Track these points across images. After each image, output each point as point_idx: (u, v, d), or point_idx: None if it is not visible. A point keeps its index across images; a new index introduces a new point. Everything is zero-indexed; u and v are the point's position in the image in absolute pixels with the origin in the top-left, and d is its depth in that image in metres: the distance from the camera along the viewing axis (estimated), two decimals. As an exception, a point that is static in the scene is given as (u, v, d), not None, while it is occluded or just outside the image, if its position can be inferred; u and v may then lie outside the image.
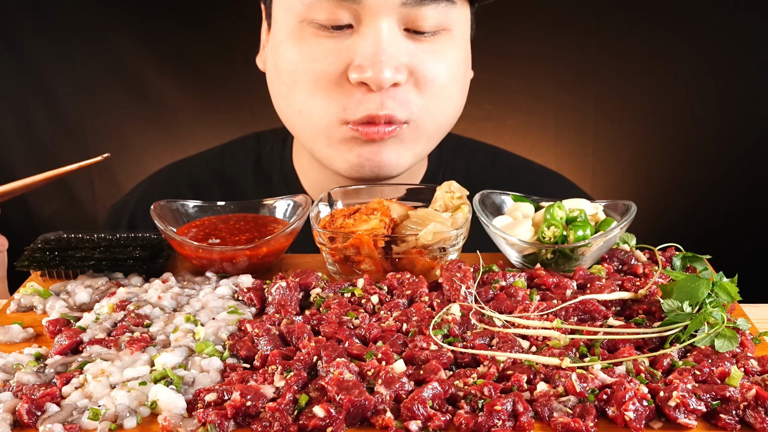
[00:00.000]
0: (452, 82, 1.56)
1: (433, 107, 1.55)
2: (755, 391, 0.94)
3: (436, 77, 1.52)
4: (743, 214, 2.73)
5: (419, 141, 1.58)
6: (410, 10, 1.45)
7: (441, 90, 1.54)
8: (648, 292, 1.21)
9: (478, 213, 1.38)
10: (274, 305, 1.23)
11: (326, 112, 1.52)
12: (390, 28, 1.46)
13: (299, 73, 1.52)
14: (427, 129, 1.58)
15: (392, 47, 1.46)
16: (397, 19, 1.46)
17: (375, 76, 1.44)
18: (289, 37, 1.53)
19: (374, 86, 1.46)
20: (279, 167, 1.86)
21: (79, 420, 0.95)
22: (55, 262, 1.38)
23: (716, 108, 2.72)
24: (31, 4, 2.64)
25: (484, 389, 0.96)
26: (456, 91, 1.59)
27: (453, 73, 1.55)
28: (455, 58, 1.55)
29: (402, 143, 1.56)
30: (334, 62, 1.49)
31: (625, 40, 2.69)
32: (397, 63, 1.47)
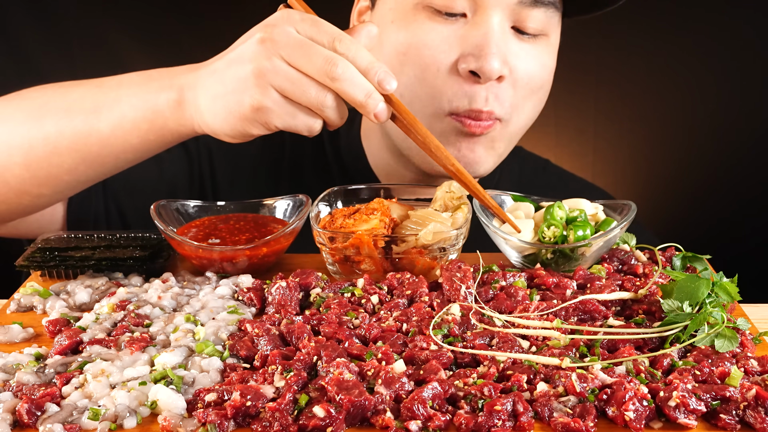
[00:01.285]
0: (540, 87, 1.58)
1: (521, 108, 1.57)
2: (755, 391, 0.94)
3: (530, 79, 1.54)
4: (743, 214, 2.73)
5: (503, 141, 1.60)
6: (522, 9, 1.48)
7: (530, 93, 1.56)
8: (648, 292, 1.21)
9: (478, 213, 1.38)
10: (274, 305, 1.23)
11: (432, 101, 1.52)
12: (501, 22, 1.48)
13: (409, 56, 1.51)
14: (511, 129, 1.60)
15: (501, 40, 1.48)
16: (508, 15, 1.48)
17: (484, 66, 1.45)
18: (402, 18, 1.52)
19: (483, 76, 1.47)
20: (346, 144, 1.82)
21: (79, 420, 0.95)
22: (55, 262, 1.38)
23: (716, 108, 2.72)
24: (31, 4, 2.64)
25: (484, 389, 0.96)
26: (541, 97, 1.61)
27: (543, 78, 1.58)
28: (548, 64, 1.58)
29: (493, 141, 1.58)
30: (446, 50, 1.49)
31: (625, 40, 2.69)
32: (504, 57, 1.48)
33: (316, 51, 1.20)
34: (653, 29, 2.66)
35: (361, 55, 1.22)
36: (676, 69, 2.70)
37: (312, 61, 1.20)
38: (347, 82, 1.21)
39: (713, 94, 2.70)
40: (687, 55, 2.67)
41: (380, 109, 1.24)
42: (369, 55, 1.24)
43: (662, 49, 2.68)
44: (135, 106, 1.35)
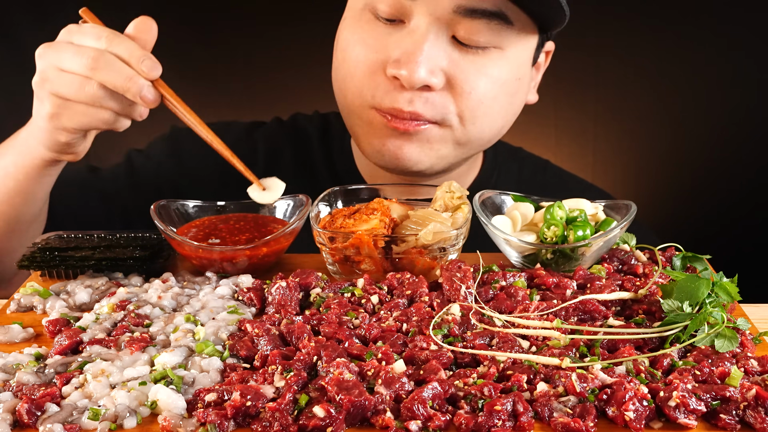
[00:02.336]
0: (491, 99, 1.56)
1: (466, 120, 1.56)
2: (755, 391, 0.94)
3: (474, 91, 1.53)
4: (743, 214, 2.73)
5: (446, 145, 1.60)
6: (461, 19, 1.47)
7: (477, 105, 1.55)
8: (648, 292, 1.21)
9: (478, 213, 1.38)
10: (274, 305, 1.23)
11: (359, 94, 1.57)
12: (436, 31, 1.48)
13: (348, 53, 1.57)
14: (458, 137, 1.59)
15: (434, 49, 1.48)
16: (446, 24, 1.48)
17: (409, 75, 1.47)
18: (351, 17, 1.59)
19: (406, 84, 1.48)
20: (340, 148, 1.89)
21: (79, 420, 0.95)
22: (55, 262, 1.38)
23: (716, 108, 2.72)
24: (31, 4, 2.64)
25: (484, 389, 0.96)
26: (495, 110, 1.59)
27: (494, 92, 1.56)
28: (500, 77, 1.55)
29: (428, 143, 1.58)
30: (379, 51, 1.52)
31: (625, 40, 2.70)
32: (434, 66, 1.48)
33: (80, 51, 1.34)
34: (653, 30, 2.67)
35: (122, 46, 1.36)
36: (676, 69, 2.70)
37: (76, 61, 1.34)
38: (106, 70, 1.33)
39: (713, 95, 2.70)
40: (687, 55, 2.67)
41: (144, 92, 1.36)
42: (132, 45, 1.37)
43: (662, 50, 2.68)
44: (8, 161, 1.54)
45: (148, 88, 1.37)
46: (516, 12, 1.49)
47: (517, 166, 1.93)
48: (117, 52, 1.35)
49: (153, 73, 1.37)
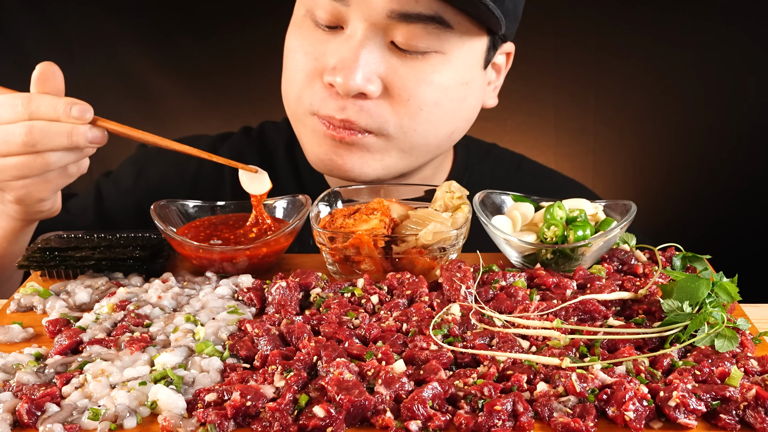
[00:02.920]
0: (433, 105, 1.52)
1: (406, 127, 1.52)
2: (755, 391, 0.94)
3: (412, 97, 1.49)
4: (743, 214, 2.73)
5: (390, 154, 1.57)
6: (398, 24, 1.43)
7: (416, 111, 1.51)
8: (648, 292, 1.21)
9: (478, 213, 1.38)
10: (274, 305, 1.23)
11: (299, 102, 1.56)
12: (373, 37, 1.45)
13: (289, 59, 1.57)
14: (400, 145, 1.55)
15: (369, 56, 1.45)
16: (383, 30, 1.45)
17: (344, 82, 1.44)
18: (294, 24, 1.58)
19: (341, 91, 1.46)
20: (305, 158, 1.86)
21: (79, 420, 0.95)
22: (55, 262, 1.38)
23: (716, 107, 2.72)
24: (32, 4, 2.64)
25: (484, 389, 0.96)
26: (438, 116, 1.54)
27: (435, 98, 1.51)
28: (441, 82, 1.50)
29: (369, 152, 1.55)
30: (317, 59, 1.51)
31: (625, 40, 2.70)
32: (370, 73, 1.46)
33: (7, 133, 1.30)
34: (653, 30, 2.67)
35: (44, 106, 1.31)
36: (675, 70, 2.70)
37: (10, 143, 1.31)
38: (44, 139, 1.30)
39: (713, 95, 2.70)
40: (687, 56, 2.67)
41: (90, 138, 1.33)
42: (51, 100, 1.31)
43: (662, 50, 2.68)
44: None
45: (92, 131, 1.34)
46: (455, 15, 1.44)
47: (489, 167, 1.90)
48: (42, 115, 1.31)
49: (87, 116, 1.33)
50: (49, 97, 1.33)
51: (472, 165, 1.87)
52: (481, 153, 1.92)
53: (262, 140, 1.93)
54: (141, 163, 1.94)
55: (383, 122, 1.51)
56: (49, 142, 1.31)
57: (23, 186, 1.38)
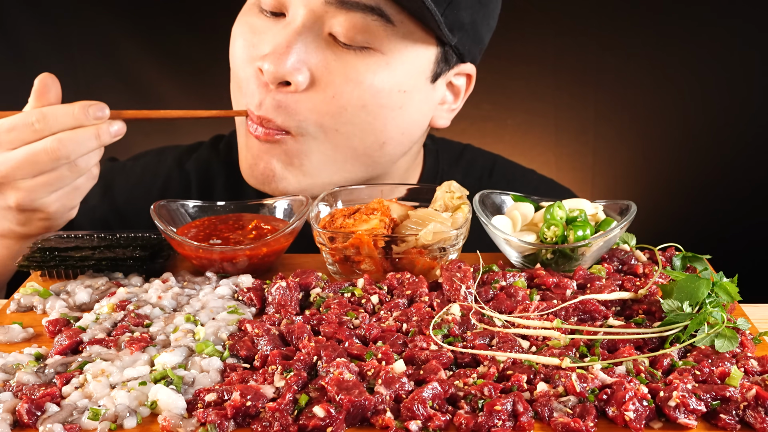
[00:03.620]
0: (359, 108, 1.44)
1: (327, 126, 1.46)
2: (755, 391, 0.94)
3: (336, 95, 1.43)
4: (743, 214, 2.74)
5: (310, 159, 1.50)
6: (336, 12, 1.38)
7: (339, 111, 1.44)
8: (648, 292, 1.21)
9: (478, 213, 1.38)
10: (274, 305, 1.23)
11: (240, 97, 1.51)
12: (312, 25, 1.41)
13: (234, 49, 1.52)
14: (321, 148, 1.49)
15: (303, 44, 1.40)
16: (322, 19, 1.41)
17: (270, 67, 1.39)
18: (242, 13, 1.54)
19: (267, 77, 1.41)
20: None
21: (79, 420, 0.95)
22: (55, 262, 1.38)
23: (716, 108, 2.72)
24: (31, 5, 2.64)
25: (484, 389, 0.96)
26: (363, 119, 1.46)
27: (362, 99, 1.43)
28: (374, 84, 1.43)
29: (288, 158, 1.50)
30: (254, 45, 1.47)
31: (625, 40, 2.70)
32: (299, 62, 1.40)
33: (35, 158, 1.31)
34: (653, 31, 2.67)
35: (62, 119, 1.32)
36: (675, 70, 2.70)
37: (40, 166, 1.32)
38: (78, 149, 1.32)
39: (712, 95, 2.71)
40: (686, 56, 2.67)
41: (114, 132, 1.36)
42: (63, 108, 1.33)
43: (661, 51, 2.68)
44: None
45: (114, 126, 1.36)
46: (397, 12, 1.39)
47: (460, 173, 1.82)
48: (64, 125, 1.32)
49: (106, 112, 1.35)
50: (60, 107, 1.33)
51: (443, 172, 1.80)
52: (452, 158, 1.84)
53: (230, 150, 1.87)
54: (107, 179, 1.89)
55: (302, 120, 1.45)
56: (81, 149, 1.33)
57: (57, 199, 1.39)
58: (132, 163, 1.94)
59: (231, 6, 2.75)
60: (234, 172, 1.82)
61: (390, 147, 1.54)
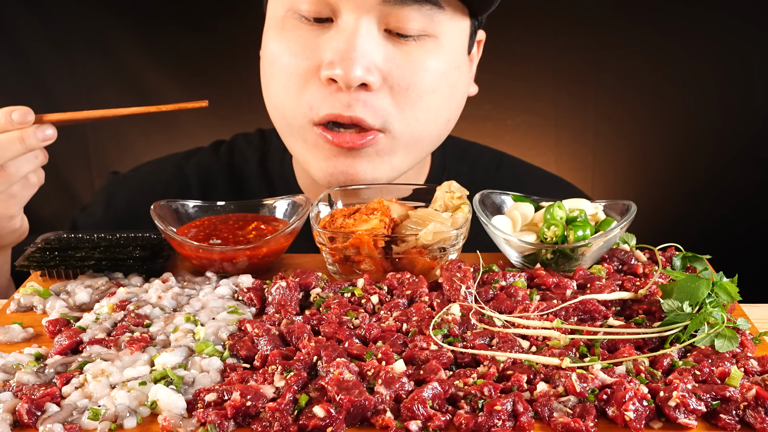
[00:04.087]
0: (431, 92, 1.49)
1: (409, 117, 1.50)
2: (755, 391, 0.94)
3: (411, 85, 1.47)
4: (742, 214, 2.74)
5: (396, 153, 1.54)
6: (391, 9, 1.41)
7: (416, 99, 1.48)
8: (648, 292, 1.21)
9: (478, 213, 1.38)
10: (274, 305, 1.23)
11: (297, 110, 1.49)
12: (368, 26, 1.42)
13: (276, 66, 1.50)
14: (404, 140, 1.52)
15: (367, 45, 1.41)
16: (377, 17, 1.42)
17: (344, 74, 1.40)
18: (274, 27, 1.51)
19: (342, 84, 1.42)
20: (280, 168, 1.83)
21: (79, 420, 0.95)
22: (55, 262, 1.38)
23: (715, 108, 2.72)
24: (32, 5, 2.64)
25: (484, 389, 0.96)
26: (436, 103, 1.52)
27: (433, 84, 1.49)
28: (438, 68, 1.49)
29: (378, 155, 1.52)
30: (309, 57, 1.45)
31: (625, 40, 2.70)
32: (369, 63, 1.42)
33: None
34: (653, 31, 2.67)
35: None
36: (675, 70, 2.70)
37: None
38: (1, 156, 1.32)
39: (712, 95, 2.71)
40: (686, 56, 2.67)
41: (41, 136, 1.35)
42: None
43: (661, 51, 2.68)
44: None
45: (40, 130, 1.35)
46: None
47: (467, 167, 1.86)
48: None
49: (29, 117, 1.34)
50: None
51: (450, 167, 1.83)
52: (459, 153, 1.88)
53: (231, 154, 1.88)
54: (109, 191, 1.92)
55: (386, 115, 1.48)
56: (5, 153, 1.33)
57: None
58: (133, 173, 1.96)
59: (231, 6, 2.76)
60: (236, 175, 1.85)
61: (451, 123, 1.62)
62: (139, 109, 1.42)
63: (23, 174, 1.37)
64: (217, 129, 2.76)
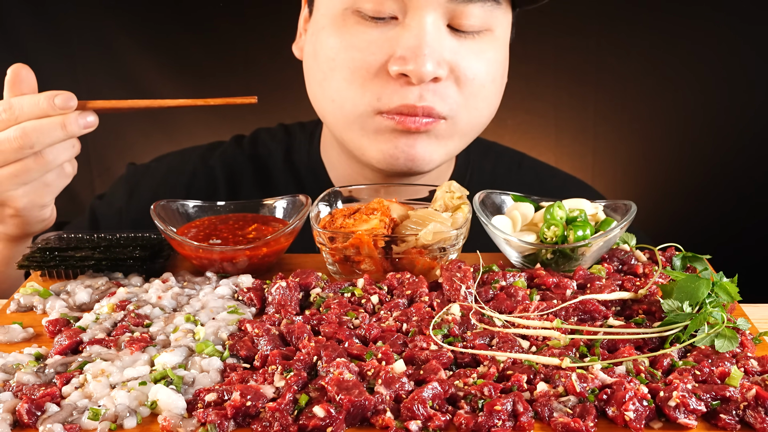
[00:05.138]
0: (491, 82, 1.57)
1: (470, 106, 1.56)
2: (755, 391, 0.94)
3: (476, 76, 1.53)
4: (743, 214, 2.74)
5: (453, 138, 1.59)
6: (456, 6, 1.46)
7: (479, 89, 1.55)
8: (648, 292, 1.21)
9: (478, 213, 1.38)
10: (274, 305, 1.23)
11: (361, 101, 1.52)
12: (435, 22, 1.47)
13: (338, 61, 1.52)
14: (462, 127, 1.58)
15: (436, 41, 1.47)
16: (442, 13, 1.47)
17: (417, 69, 1.44)
18: (332, 23, 1.54)
19: (415, 79, 1.46)
20: (306, 160, 1.86)
21: (79, 420, 0.95)
22: (55, 262, 1.38)
23: (715, 107, 2.72)
24: (31, 4, 2.64)
25: (484, 389, 0.96)
26: (493, 92, 1.60)
27: (492, 74, 1.57)
28: (495, 58, 1.56)
29: (437, 139, 1.57)
30: (376, 52, 1.49)
31: (625, 40, 2.70)
32: (440, 57, 1.47)
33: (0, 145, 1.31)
34: (653, 30, 2.67)
35: (27, 108, 1.31)
36: (675, 70, 2.70)
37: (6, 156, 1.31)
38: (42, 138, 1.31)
39: (712, 95, 2.71)
40: (686, 56, 2.67)
41: (83, 123, 1.34)
42: (29, 98, 1.32)
43: (661, 51, 2.68)
44: None
45: (83, 116, 1.34)
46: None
47: (490, 164, 1.91)
48: (29, 115, 1.31)
49: (72, 103, 1.33)
50: (27, 96, 1.32)
51: (474, 162, 1.88)
52: (482, 151, 1.92)
53: (255, 147, 1.91)
54: (131, 182, 1.93)
55: (453, 104, 1.53)
56: (45, 138, 1.31)
57: (25, 194, 1.38)
58: (156, 164, 1.97)
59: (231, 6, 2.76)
60: (261, 166, 1.88)
61: (495, 110, 1.68)
62: (185, 102, 1.41)
63: (60, 162, 1.37)
64: (217, 129, 2.76)
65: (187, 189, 1.85)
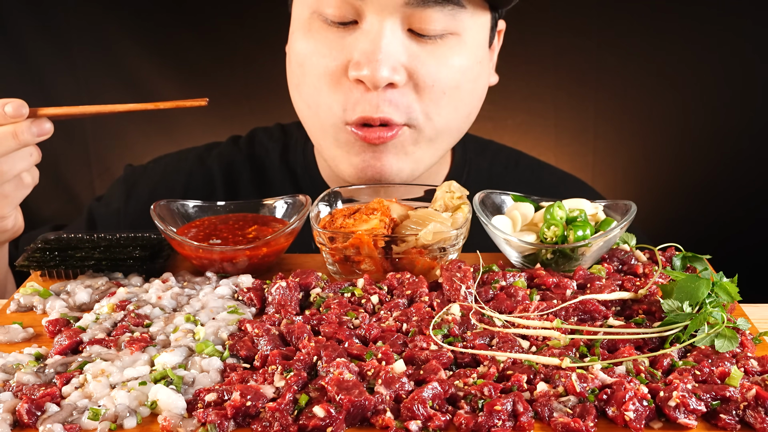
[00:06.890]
0: (454, 88, 1.53)
1: (432, 112, 1.53)
2: (755, 391, 0.94)
3: (435, 82, 1.50)
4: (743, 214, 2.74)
5: (419, 146, 1.56)
6: (414, 10, 1.44)
7: (440, 96, 1.51)
8: (648, 292, 1.21)
9: (478, 213, 1.38)
10: (274, 305, 1.23)
11: (331, 111, 1.52)
12: (392, 26, 1.44)
13: (307, 66, 1.52)
14: (428, 134, 1.55)
15: (392, 46, 1.44)
16: (400, 18, 1.45)
17: (371, 74, 1.43)
18: (301, 28, 1.54)
19: (370, 84, 1.45)
20: (302, 160, 1.86)
21: (79, 420, 0.95)
22: (55, 262, 1.38)
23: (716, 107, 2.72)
24: (31, 4, 2.64)
25: (484, 389, 0.96)
26: (459, 99, 1.55)
27: (456, 80, 1.52)
28: (461, 64, 1.52)
29: (403, 148, 1.55)
30: (336, 58, 1.48)
31: (625, 40, 2.70)
32: (395, 63, 1.45)
33: None
34: (653, 31, 2.67)
35: None
36: (675, 70, 2.70)
37: None
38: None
39: (712, 95, 2.71)
40: (686, 55, 2.67)
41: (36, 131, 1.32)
42: None
43: (661, 50, 2.68)
44: None
45: (35, 124, 1.32)
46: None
47: (487, 163, 1.90)
48: None
49: (23, 111, 1.31)
50: None
51: (470, 160, 1.87)
52: (479, 149, 1.92)
53: (252, 147, 1.91)
54: (129, 183, 1.93)
55: (411, 111, 1.51)
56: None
57: None
58: (153, 165, 1.97)
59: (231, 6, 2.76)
60: (258, 166, 1.88)
61: (471, 117, 1.65)
62: (136, 106, 1.40)
63: (16, 172, 1.35)
64: (217, 129, 2.76)
65: (185, 189, 1.85)
